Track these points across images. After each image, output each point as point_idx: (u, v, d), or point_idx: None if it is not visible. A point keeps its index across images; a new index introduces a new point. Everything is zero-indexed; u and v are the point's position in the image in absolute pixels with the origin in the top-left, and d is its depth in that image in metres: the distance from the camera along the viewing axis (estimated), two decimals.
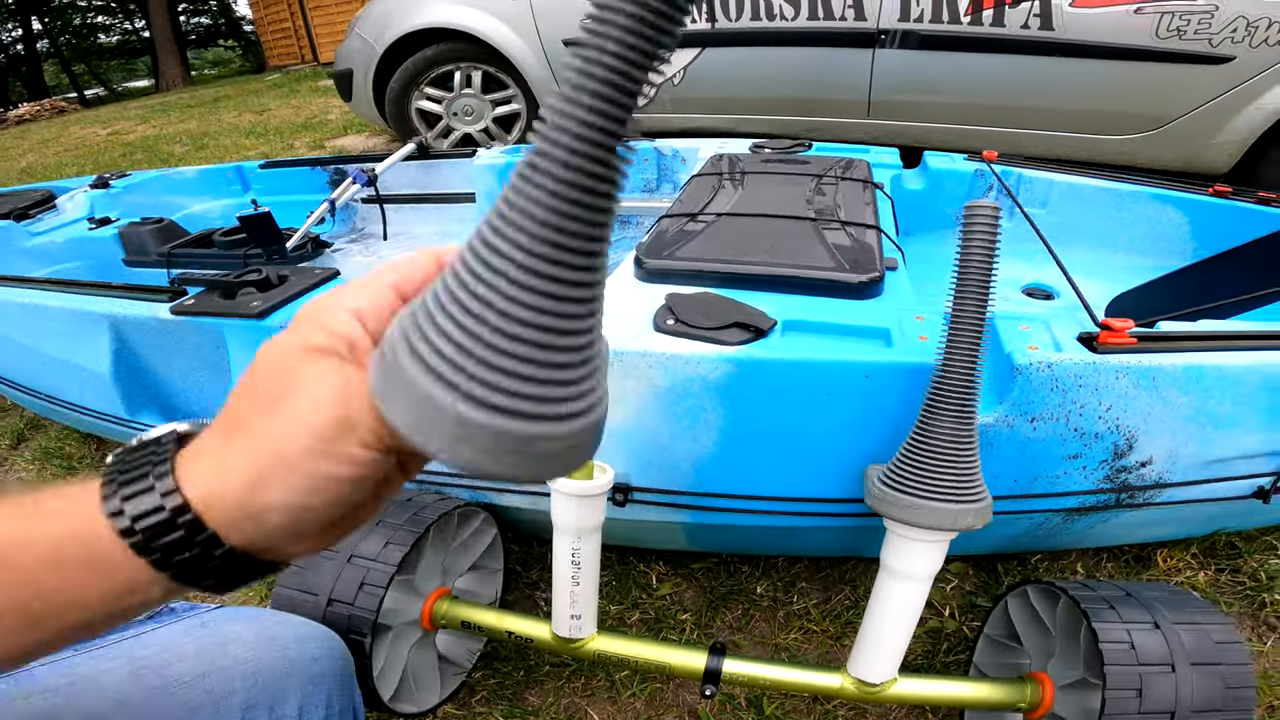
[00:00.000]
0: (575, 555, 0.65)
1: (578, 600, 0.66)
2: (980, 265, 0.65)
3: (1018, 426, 0.78)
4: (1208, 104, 2.34)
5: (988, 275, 0.65)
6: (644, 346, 0.82)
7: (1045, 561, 1.19)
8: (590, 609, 0.67)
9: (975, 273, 0.65)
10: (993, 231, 0.65)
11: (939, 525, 0.66)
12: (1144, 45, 2.30)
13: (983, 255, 0.65)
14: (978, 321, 0.66)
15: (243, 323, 1.01)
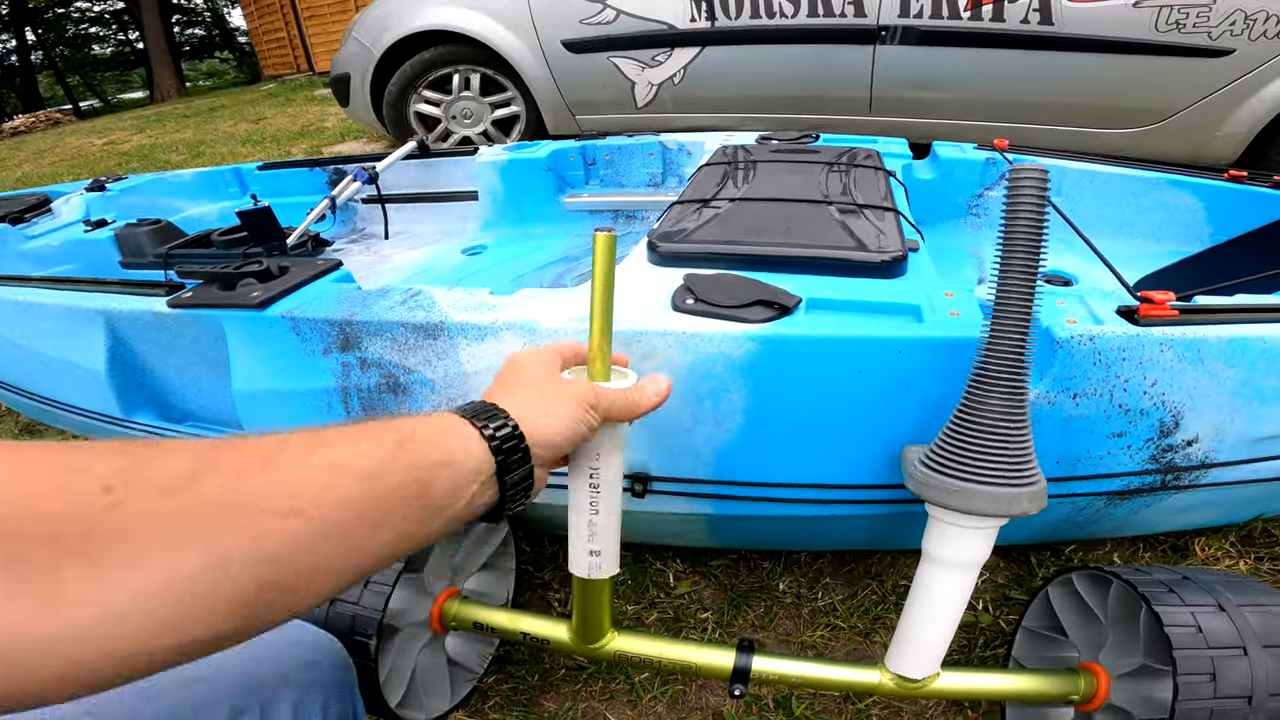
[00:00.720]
0: (594, 477, 0.60)
1: (596, 532, 0.62)
2: (1029, 229, 0.62)
3: (1060, 403, 0.74)
4: (1210, 96, 2.34)
5: (1038, 240, 0.62)
6: (663, 326, 0.78)
7: (1080, 553, 1.15)
8: (611, 545, 0.62)
9: (1024, 237, 0.62)
10: (1041, 194, 0.62)
11: (991, 511, 0.63)
12: (1144, 39, 2.31)
13: (1031, 218, 0.62)
14: (1028, 288, 0.62)
15: (243, 314, 0.98)
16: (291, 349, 0.97)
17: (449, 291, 0.92)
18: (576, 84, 3.19)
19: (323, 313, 0.93)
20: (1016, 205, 0.63)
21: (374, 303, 0.92)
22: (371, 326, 0.90)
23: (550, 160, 1.88)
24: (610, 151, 1.92)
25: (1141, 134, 2.51)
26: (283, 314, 0.95)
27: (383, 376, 0.92)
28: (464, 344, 0.86)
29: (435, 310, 0.87)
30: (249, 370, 1.02)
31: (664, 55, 3.03)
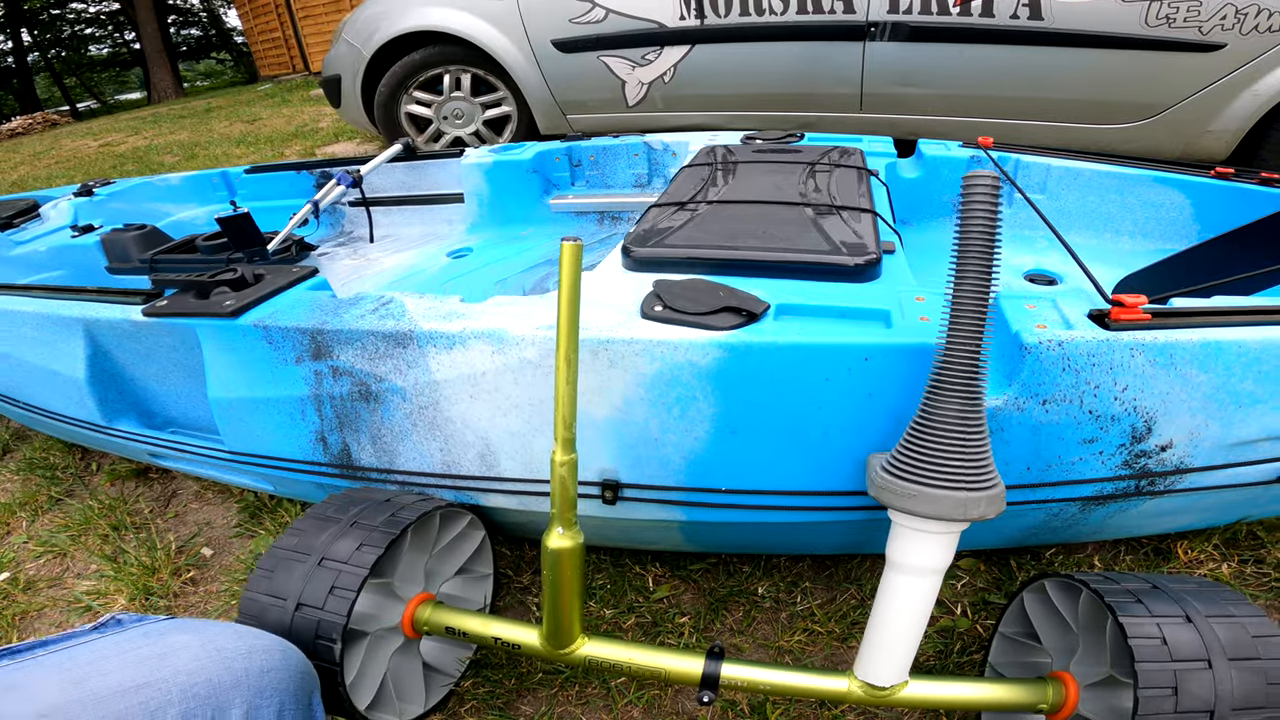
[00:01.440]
0: None
1: None
2: (982, 236, 0.61)
3: (1029, 410, 0.73)
4: (1201, 91, 2.33)
5: (990, 246, 0.62)
6: (630, 334, 0.78)
7: (1060, 555, 1.14)
8: None
9: (977, 243, 0.62)
10: (993, 200, 0.62)
11: (948, 515, 0.62)
12: (1134, 33, 2.30)
13: (984, 225, 0.61)
14: (982, 294, 0.62)
15: (216, 322, 0.97)
16: (264, 357, 0.96)
17: (419, 299, 0.92)
18: (567, 83, 3.18)
19: (294, 321, 0.92)
20: (970, 212, 0.62)
21: (345, 311, 0.92)
22: (342, 335, 0.89)
23: (535, 162, 1.87)
24: (595, 153, 1.91)
25: (1132, 130, 2.50)
26: (255, 322, 0.95)
27: (354, 384, 0.92)
28: (433, 352, 0.85)
29: (405, 319, 0.87)
30: (224, 378, 1.02)
31: (654, 54, 3.02)
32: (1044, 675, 0.81)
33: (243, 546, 1.39)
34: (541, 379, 0.82)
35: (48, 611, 1.32)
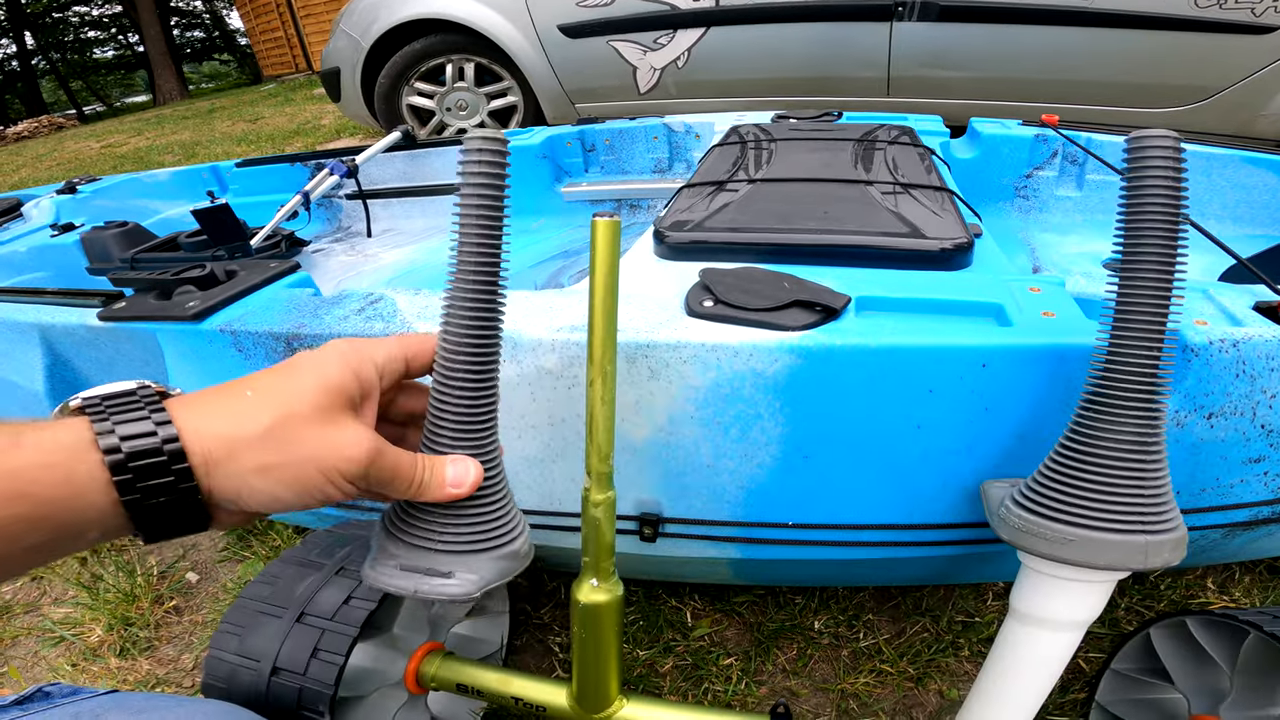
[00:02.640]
0: None
1: None
2: (1162, 209, 0.46)
3: (1190, 425, 0.58)
4: (1255, 75, 2.22)
5: (1174, 221, 0.46)
6: (676, 336, 0.63)
7: (1168, 579, 0.99)
8: None
9: (1156, 217, 0.46)
10: (1175, 163, 0.46)
11: (1120, 564, 0.47)
12: (1182, 14, 2.20)
13: (1165, 194, 0.46)
14: (1164, 282, 0.46)
15: (177, 326, 0.83)
16: (234, 367, 0.82)
17: (413, 297, 0.77)
18: (575, 71, 3.03)
19: (267, 325, 0.78)
20: (1144, 180, 0.47)
21: (326, 312, 0.77)
22: (322, 340, 0.74)
23: (545, 147, 1.72)
24: (610, 136, 1.76)
25: (1181, 114, 2.38)
26: (222, 326, 0.80)
27: None
28: None
29: (396, 320, 0.72)
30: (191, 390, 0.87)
31: (666, 37, 2.87)
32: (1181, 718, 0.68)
33: (230, 572, 1.26)
34: (564, 393, 0.67)
35: (22, 640, 1.19)
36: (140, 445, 0.32)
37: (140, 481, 0.32)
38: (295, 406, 0.36)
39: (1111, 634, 0.94)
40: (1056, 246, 1.34)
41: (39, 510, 0.31)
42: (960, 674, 0.92)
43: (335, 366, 0.39)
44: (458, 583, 0.43)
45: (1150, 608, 0.97)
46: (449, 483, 0.42)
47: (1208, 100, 2.31)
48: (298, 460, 0.36)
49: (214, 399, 0.37)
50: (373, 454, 0.38)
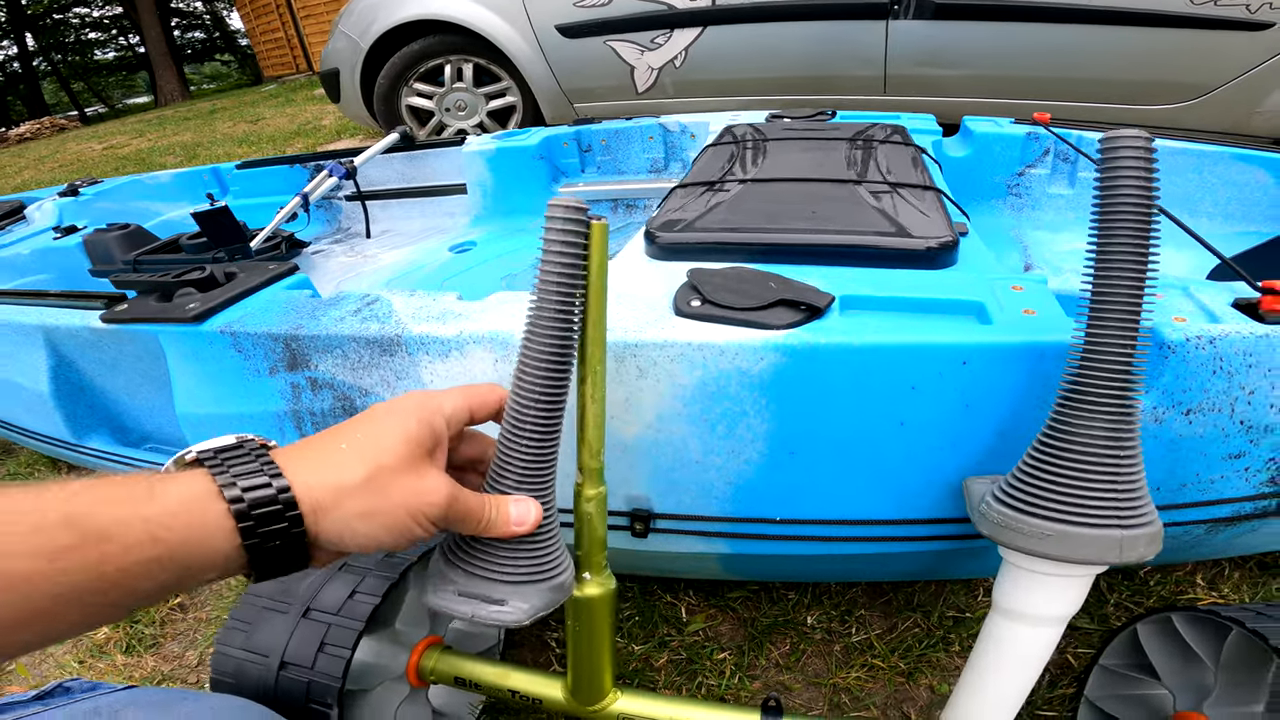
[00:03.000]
0: None
1: None
2: (1135, 206, 0.47)
3: (1168, 422, 0.59)
4: (1250, 72, 2.22)
5: (1147, 217, 0.47)
6: (664, 335, 0.64)
7: (1157, 575, 1.00)
8: None
9: (1129, 215, 0.47)
10: (1148, 161, 0.47)
11: (1097, 559, 0.48)
12: (1178, 11, 2.20)
13: (1137, 192, 0.47)
14: (1137, 276, 0.47)
15: (178, 328, 0.84)
16: (234, 368, 0.83)
17: (409, 298, 0.78)
18: (573, 71, 3.04)
19: (266, 326, 0.79)
20: (1117, 177, 0.48)
21: (324, 313, 0.79)
22: (321, 341, 0.76)
23: (542, 148, 1.73)
24: (607, 136, 1.77)
25: (1177, 110, 2.38)
26: (222, 328, 0.81)
27: (336, 399, 0.78)
28: (425, 361, 0.72)
29: (392, 321, 0.74)
30: (191, 391, 0.89)
31: (664, 37, 2.88)
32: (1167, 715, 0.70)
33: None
34: None
35: None
36: (259, 495, 0.37)
37: (260, 527, 0.36)
38: (385, 459, 0.41)
39: (1100, 630, 0.95)
40: (1049, 244, 1.35)
41: (170, 553, 0.34)
42: (951, 669, 0.94)
43: (413, 419, 0.44)
44: (510, 610, 0.47)
45: (1139, 604, 0.98)
46: (513, 521, 0.47)
47: (1203, 97, 2.31)
48: (391, 507, 0.40)
49: (313, 453, 0.41)
50: (450, 499, 0.43)
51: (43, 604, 0.32)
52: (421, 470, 0.42)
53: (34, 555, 0.31)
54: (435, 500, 0.42)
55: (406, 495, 0.41)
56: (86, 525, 0.32)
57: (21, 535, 0.31)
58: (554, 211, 0.48)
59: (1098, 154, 0.50)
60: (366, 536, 0.40)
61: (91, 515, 0.33)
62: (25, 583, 0.31)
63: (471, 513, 0.45)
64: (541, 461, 0.49)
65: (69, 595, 0.32)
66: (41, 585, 0.31)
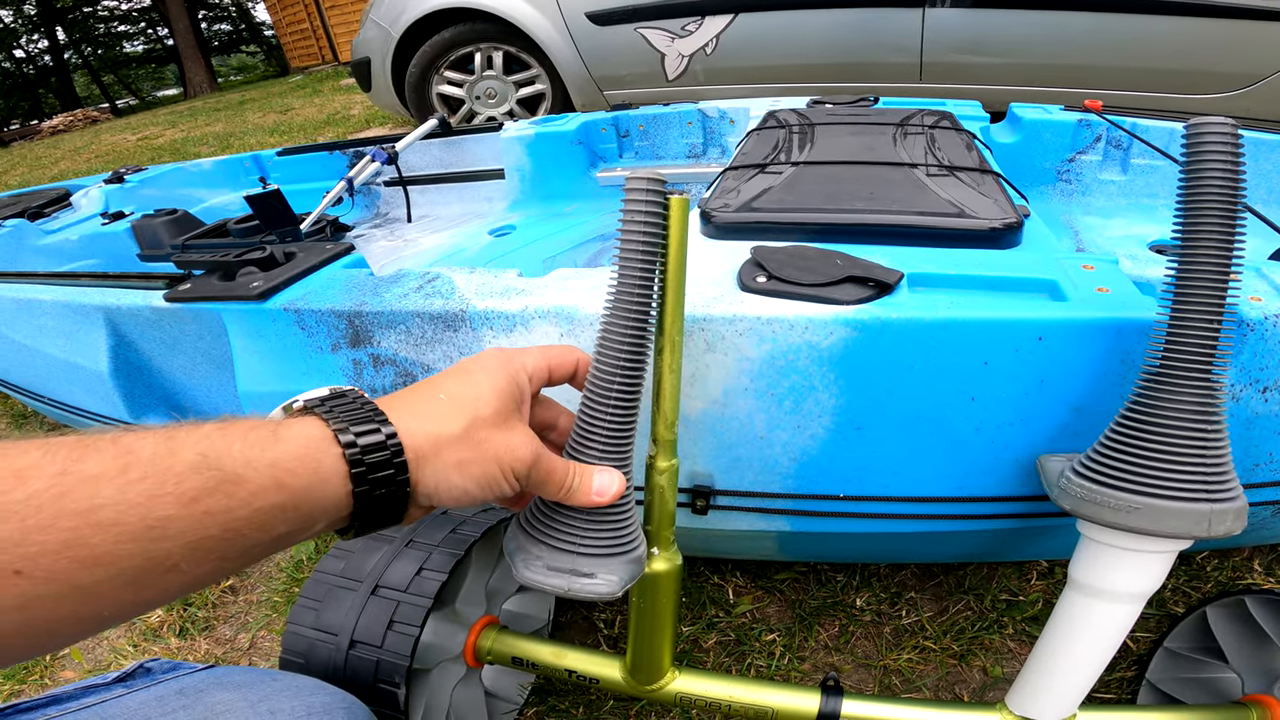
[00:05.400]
0: None
1: None
2: (1221, 189, 0.47)
3: (1245, 399, 0.58)
4: None
5: (1234, 200, 0.47)
6: (733, 310, 0.64)
7: (1214, 560, 0.99)
8: None
9: (1215, 197, 0.47)
10: (1234, 148, 0.47)
11: (1185, 533, 0.48)
12: (1228, 2, 2.13)
13: (1223, 176, 0.47)
14: (1224, 255, 0.47)
15: (243, 306, 0.86)
16: (297, 344, 0.85)
17: (471, 274, 0.79)
18: (603, 58, 3.04)
19: (329, 303, 0.80)
20: (1202, 162, 0.48)
21: (386, 290, 0.80)
22: (384, 317, 0.77)
23: (580, 133, 1.73)
24: (644, 122, 1.76)
25: (1223, 100, 2.33)
26: (285, 305, 0.83)
27: (399, 375, 0.80)
28: (489, 335, 0.73)
29: (455, 297, 0.74)
30: (254, 369, 0.91)
31: (694, 24, 2.86)
32: (1234, 699, 0.69)
33: (283, 553, 1.30)
34: None
35: None
36: (369, 441, 0.37)
37: (371, 474, 0.36)
38: (481, 410, 0.41)
39: (1158, 614, 0.94)
40: (1100, 230, 1.33)
41: (292, 499, 0.34)
42: (1004, 652, 0.93)
43: (502, 374, 0.44)
44: (603, 582, 0.48)
45: (1197, 588, 0.97)
46: (594, 490, 0.46)
47: (1253, 86, 2.26)
48: (485, 458, 0.40)
49: (413, 402, 0.41)
50: (536, 455, 0.43)
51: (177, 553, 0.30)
52: (512, 424, 0.42)
53: (176, 498, 0.30)
54: (523, 455, 0.42)
55: (499, 448, 0.41)
56: (223, 467, 0.32)
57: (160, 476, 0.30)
58: (634, 184, 0.48)
59: (1183, 140, 0.50)
60: (460, 488, 0.40)
61: (225, 456, 0.32)
62: (166, 527, 0.30)
63: (554, 474, 0.45)
64: (623, 433, 0.49)
65: (203, 543, 0.31)
66: (179, 531, 0.30)
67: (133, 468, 0.30)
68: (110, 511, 0.29)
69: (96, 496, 0.28)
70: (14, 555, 0.26)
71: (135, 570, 0.29)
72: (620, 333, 0.48)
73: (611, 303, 0.49)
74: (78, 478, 0.28)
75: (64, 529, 0.27)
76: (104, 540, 0.28)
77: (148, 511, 0.29)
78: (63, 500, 0.28)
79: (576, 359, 0.50)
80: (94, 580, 0.28)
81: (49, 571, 0.27)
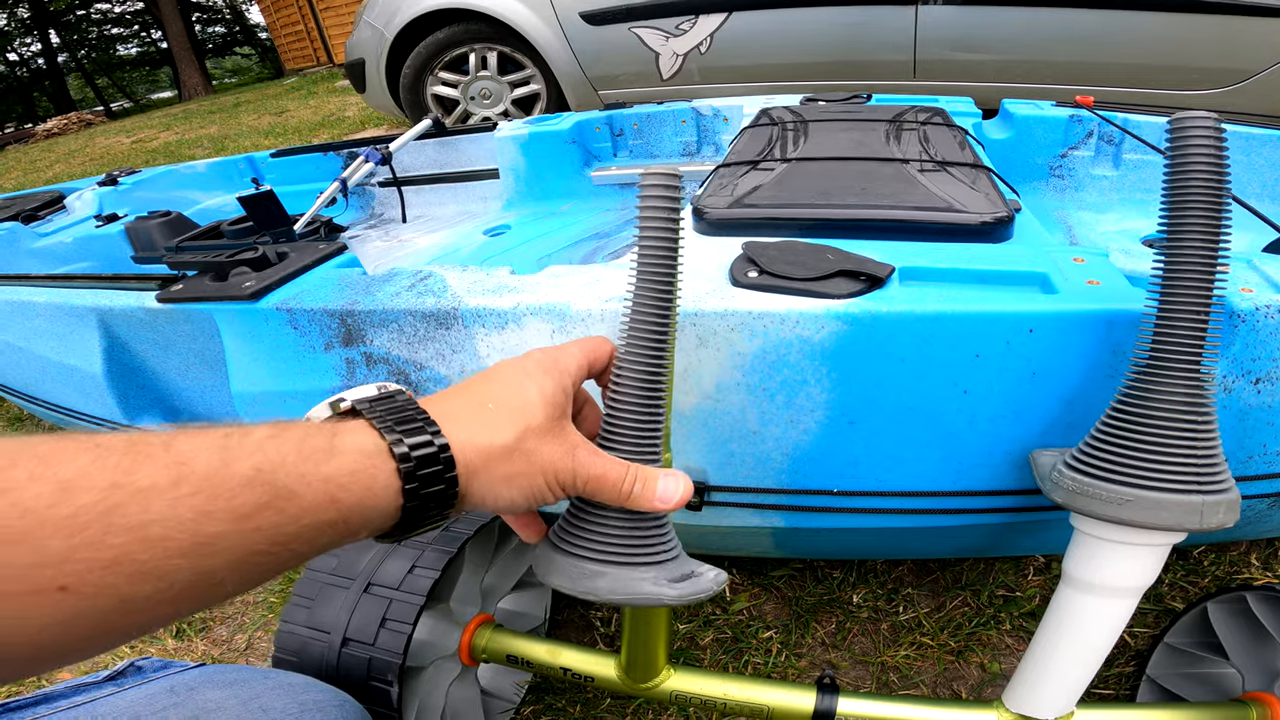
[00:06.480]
0: None
1: None
2: (1204, 183, 0.47)
3: (1237, 391, 0.58)
4: None
5: (1218, 193, 0.47)
6: (724, 305, 0.64)
7: (1211, 555, 0.99)
8: None
9: (1199, 190, 0.47)
10: (1217, 140, 0.47)
11: (1177, 525, 0.48)
12: None
13: (1209, 167, 0.47)
14: (1209, 248, 0.47)
15: (235, 306, 0.86)
16: (290, 344, 0.85)
17: (463, 273, 0.79)
18: (597, 58, 3.04)
19: (321, 303, 0.80)
20: (1186, 155, 0.48)
21: (378, 289, 0.80)
22: (375, 316, 0.77)
23: (574, 132, 1.73)
24: (638, 120, 1.76)
25: (1214, 96, 2.34)
26: (278, 305, 0.83)
27: (392, 373, 0.79)
28: (481, 334, 0.73)
29: (447, 295, 0.74)
30: (246, 369, 0.91)
31: (688, 23, 2.87)
32: (1234, 695, 0.69)
33: None
34: None
35: None
36: (425, 453, 0.35)
37: (423, 489, 0.35)
38: (531, 420, 0.39)
39: (1157, 609, 0.94)
40: (1093, 225, 1.33)
41: (342, 515, 0.33)
42: (1002, 648, 0.93)
43: (549, 379, 0.42)
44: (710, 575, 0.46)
45: (1194, 583, 0.97)
46: (658, 496, 0.43)
47: (1245, 83, 2.27)
48: (534, 470, 0.39)
49: (462, 409, 0.39)
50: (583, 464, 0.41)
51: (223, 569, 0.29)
52: (559, 432, 0.41)
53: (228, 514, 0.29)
54: (573, 466, 0.40)
55: (549, 459, 0.39)
56: (277, 482, 0.31)
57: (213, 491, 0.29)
58: (651, 179, 0.46)
59: (1166, 133, 0.50)
60: (507, 500, 0.39)
61: (279, 469, 0.31)
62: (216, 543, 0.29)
63: (609, 478, 0.41)
64: (655, 427, 0.47)
65: (250, 558, 0.30)
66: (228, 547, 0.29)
67: (185, 480, 0.29)
68: (160, 528, 0.28)
69: (147, 511, 0.27)
70: (60, 571, 0.25)
71: (182, 584, 0.28)
72: (646, 327, 0.46)
73: (637, 298, 0.47)
74: (129, 491, 0.27)
75: (113, 545, 0.26)
76: (153, 556, 0.27)
77: (199, 528, 0.28)
78: (112, 515, 0.27)
79: (610, 350, 0.48)
80: (139, 594, 0.27)
81: (95, 587, 0.26)
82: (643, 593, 0.43)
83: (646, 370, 0.46)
